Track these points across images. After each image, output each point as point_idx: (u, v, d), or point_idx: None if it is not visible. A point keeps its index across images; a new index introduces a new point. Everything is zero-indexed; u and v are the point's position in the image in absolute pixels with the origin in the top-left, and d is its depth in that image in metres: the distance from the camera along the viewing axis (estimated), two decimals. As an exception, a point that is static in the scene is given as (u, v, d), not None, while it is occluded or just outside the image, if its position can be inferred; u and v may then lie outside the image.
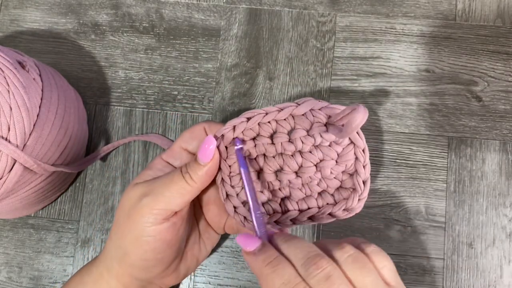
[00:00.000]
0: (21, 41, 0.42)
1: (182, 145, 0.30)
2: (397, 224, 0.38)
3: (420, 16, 0.41)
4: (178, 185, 0.27)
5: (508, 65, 0.40)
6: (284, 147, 0.28)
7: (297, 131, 0.27)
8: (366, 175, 0.28)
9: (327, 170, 0.28)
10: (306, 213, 0.29)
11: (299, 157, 0.28)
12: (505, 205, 0.38)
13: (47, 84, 0.33)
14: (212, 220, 0.32)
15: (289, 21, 0.41)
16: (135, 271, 0.28)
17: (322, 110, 0.27)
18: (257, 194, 0.29)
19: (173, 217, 0.27)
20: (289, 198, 0.29)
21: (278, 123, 0.28)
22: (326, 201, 0.29)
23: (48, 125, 0.32)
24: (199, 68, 0.41)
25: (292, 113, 0.28)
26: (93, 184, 0.40)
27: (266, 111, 0.28)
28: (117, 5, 0.42)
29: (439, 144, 0.39)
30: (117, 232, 0.28)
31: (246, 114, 0.28)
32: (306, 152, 0.28)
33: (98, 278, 0.29)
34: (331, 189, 0.29)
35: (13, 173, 0.29)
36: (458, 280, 0.37)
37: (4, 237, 0.39)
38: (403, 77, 0.40)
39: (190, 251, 0.31)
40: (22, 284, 0.38)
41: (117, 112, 0.40)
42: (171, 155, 0.30)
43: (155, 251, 0.27)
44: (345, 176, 0.29)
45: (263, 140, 0.28)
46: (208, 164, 0.27)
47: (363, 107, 0.24)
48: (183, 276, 0.32)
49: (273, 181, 0.29)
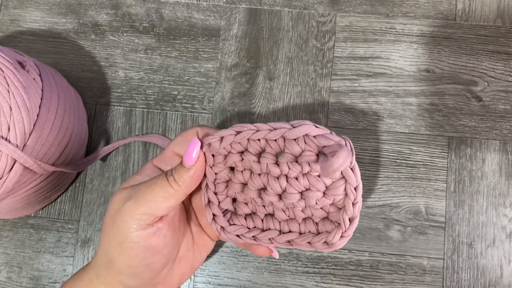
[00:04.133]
0: (21, 41, 0.42)
1: (175, 150, 0.29)
2: (397, 224, 0.38)
3: (420, 16, 0.41)
4: (162, 188, 0.26)
5: (508, 65, 0.40)
6: (269, 168, 0.26)
7: (284, 156, 0.26)
8: (355, 213, 0.26)
9: (312, 200, 0.26)
10: (286, 236, 0.28)
11: (284, 181, 0.26)
12: (505, 205, 0.38)
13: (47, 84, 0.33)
14: (207, 226, 0.31)
15: (289, 21, 0.41)
16: (123, 278, 0.28)
17: (316, 138, 0.25)
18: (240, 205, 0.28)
19: (157, 222, 0.27)
20: (272, 216, 0.28)
21: (268, 143, 0.26)
22: (309, 229, 0.27)
23: (48, 125, 0.32)
24: (199, 68, 0.41)
25: (284, 135, 0.26)
26: (93, 184, 0.40)
27: (257, 128, 0.26)
28: (117, 5, 0.42)
29: (439, 144, 0.39)
30: (103, 238, 0.27)
31: (236, 127, 0.27)
32: (292, 178, 0.26)
33: (88, 284, 0.28)
34: (316, 218, 0.27)
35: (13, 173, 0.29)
36: (458, 280, 0.37)
37: (4, 237, 0.39)
38: (403, 77, 0.40)
39: (184, 257, 0.31)
40: (22, 284, 0.38)
41: (117, 112, 0.40)
42: (163, 160, 0.29)
43: (140, 257, 0.26)
44: (332, 209, 0.27)
45: (250, 157, 0.27)
46: (193, 168, 0.26)
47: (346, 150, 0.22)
48: (177, 283, 0.31)
49: (256, 198, 0.28)
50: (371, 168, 0.39)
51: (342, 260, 0.38)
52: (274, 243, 0.28)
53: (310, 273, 0.38)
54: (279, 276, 0.38)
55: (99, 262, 0.28)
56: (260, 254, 0.30)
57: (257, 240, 0.28)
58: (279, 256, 0.38)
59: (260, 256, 0.37)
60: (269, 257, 0.38)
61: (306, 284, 0.38)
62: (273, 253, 0.30)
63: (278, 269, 0.38)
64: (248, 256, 0.38)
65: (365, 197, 0.38)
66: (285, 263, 0.38)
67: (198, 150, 0.27)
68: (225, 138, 0.27)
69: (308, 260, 0.38)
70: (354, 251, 0.38)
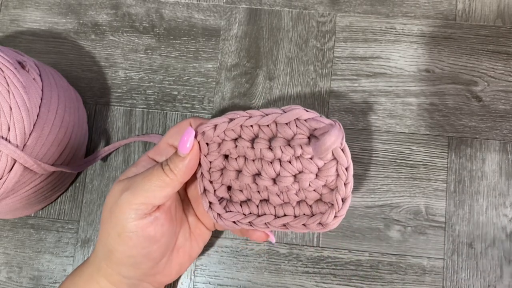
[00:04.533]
0: (21, 41, 0.42)
1: (169, 141, 0.30)
2: (397, 224, 0.38)
3: (420, 16, 0.41)
4: (158, 178, 0.27)
5: (508, 65, 0.40)
6: (263, 153, 0.27)
7: (277, 140, 0.27)
8: (347, 193, 0.27)
9: (305, 182, 0.27)
10: (281, 219, 0.28)
11: (278, 165, 0.27)
12: (505, 205, 0.38)
13: (47, 84, 0.33)
14: (203, 216, 0.32)
15: (289, 21, 0.41)
16: (123, 269, 0.28)
17: (307, 122, 0.26)
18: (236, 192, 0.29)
19: (155, 212, 0.27)
20: (267, 201, 0.29)
21: (261, 128, 0.27)
22: (303, 211, 0.28)
23: (48, 125, 0.32)
24: (199, 68, 0.41)
25: (276, 120, 0.27)
26: (93, 184, 0.40)
27: (250, 115, 0.27)
28: (117, 5, 0.42)
29: (439, 144, 0.39)
30: (102, 230, 0.28)
31: (229, 115, 0.27)
32: (285, 161, 0.27)
33: (88, 279, 0.29)
34: (309, 200, 0.28)
35: (13, 173, 0.29)
36: (458, 280, 0.37)
37: (4, 237, 0.39)
38: (403, 77, 0.40)
39: (182, 247, 0.31)
40: (22, 284, 0.38)
41: (117, 112, 0.40)
42: (158, 151, 0.30)
43: (139, 247, 0.27)
44: (325, 190, 0.28)
45: (243, 143, 0.27)
46: (188, 157, 0.27)
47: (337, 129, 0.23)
48: (176, 273, 0.32)
49: (251, 183, 0.28)
50: (371, 168, 0.39)
51: (342, 260, 0.38)
52: (270, 227, 0.29)
53: (310, 273, 0.38)
54: (279, 276, 0.38)
55: (98, 256, 0.29)
56: (257, 239, 0.30)
57: (253, 225, 0.29)
58: (279, 256, 0.38)
59: (257, 242, 0.38)
60: (269, 257, 0.38)
61: (306, 284, 0.38)
62: (269, 237, 0.30)
63: (278, 269, 0.38)
64: (248, 256, 0.38)
65: (365, 197, 0.38)
66: (285, 263, 0.38)
67: (192, 139, 0.27)
68: (218, 126, 0.27)
69: (308, 260, 0.38)
70: (354, 251, 0.38)
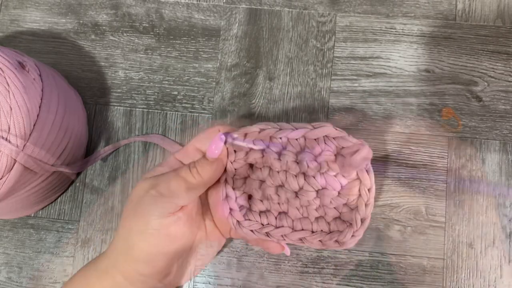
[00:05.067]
0: (21, 41, 0.42)
1: (197, 146, 0.30)
2: (397, 224, 0.38)
3: (420, 16, 0.41)
4: (184, 179, 0.27)
5: (508, 65, 0.40)
6: (289, 166, 0.28)
7: (305, 154, 0.27)
8: (367, 214, 0.27)
9: (327, 199, 0.28)
10: (298, 233, 0.29)
11: (302, 179, 0.28)
12: (505, 205, 0.38)
13: (47, 84, 0.33)
14: (219, 222, 0.32)
15: (289, 21, 0.41)
16: (140, 266, 0.28)
17: (336, 140, 0.27)
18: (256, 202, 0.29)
19: (178, 212, 0.28)
20: (286, 214, 0.29)
21: (289, 141, 0.28)
22: (321, 228, 0.29)
23: (48, 125, 0.32)
24: (199, 68, 0.41)
25: (305, 135, 0.27)
26: (93, 184, 0.40)
27: (280, 127, 0.28)
28: (117, 5, 0.42)
29: (439, 144, 0.39)
30: (124, 225, 0.28)
31: (260, 125, 0.28)
32: (310, 176, 0.27)
33: (102, 273, 0.29)
34: (328, 217, 0.29)
35: (13, 173, 0.29)
36: (458, 280, 0.37)
37: (4, 237, 0.39)
38: (403, 77, 0.40)
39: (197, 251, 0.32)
40: (22, 284, 0.38)
41: (117, 112, 0.40)
42: (185, 154, 0.31)
43: (159, 245, 0.28)
44: (345, 209, 0.28)
45: (271, 154, 0.28)
46: (215, 161, 0.28)
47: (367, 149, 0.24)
48: (188, 277, 0.32)
49: (273, 194, 0.29)
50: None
51: (342, 260, 0.38)
52: (286, 240, 0.29)
53: (310, 273, 0.38)
54: (279, 276, 0.38)
55: (116, 251, 0.29)
56: (272, 251, 0.31)
57: (270, 236, 0.29)
58: (279, 256, 0.38)
59: (271, 253, 0.38)
60: (269, 257, 0.38)
61: (306, 284, 0.38)
62: (284, 249, 0.31)
63: (278, 269, 0.38)
64: (248, 256, 0.38)
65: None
66: (285, 263, 0.38)
67: (222, 144, 0.28)
68: (249, 135, 0.28)
69: (308, 260, 0.38)
70: (354, 251, 0.38)
